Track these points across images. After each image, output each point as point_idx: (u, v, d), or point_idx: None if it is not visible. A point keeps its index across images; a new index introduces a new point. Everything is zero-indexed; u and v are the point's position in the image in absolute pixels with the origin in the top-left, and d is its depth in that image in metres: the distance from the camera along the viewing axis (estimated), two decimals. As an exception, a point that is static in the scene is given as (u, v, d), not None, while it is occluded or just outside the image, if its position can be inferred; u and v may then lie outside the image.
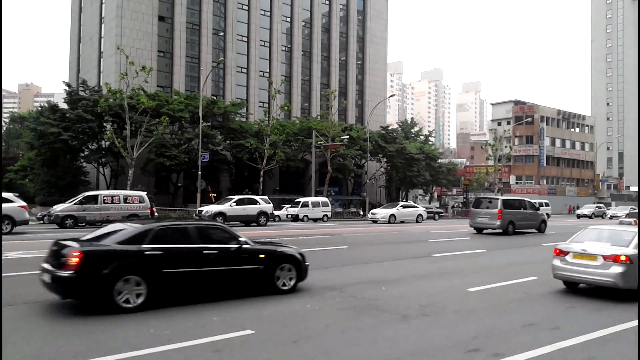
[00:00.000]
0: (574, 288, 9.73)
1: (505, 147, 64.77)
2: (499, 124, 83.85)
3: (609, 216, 47.21)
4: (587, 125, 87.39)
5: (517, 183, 76.97)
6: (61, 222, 24.18)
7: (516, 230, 24.32)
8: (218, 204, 30.19)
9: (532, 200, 28.46)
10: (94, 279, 7.02)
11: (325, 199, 38.66)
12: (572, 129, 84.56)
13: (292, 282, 9.05)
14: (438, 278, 11.26)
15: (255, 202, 29.73)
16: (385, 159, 54.49)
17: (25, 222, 21.10)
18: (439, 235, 23.38)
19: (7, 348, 5.62)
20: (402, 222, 34.41)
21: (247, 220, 28.95)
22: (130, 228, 7.98)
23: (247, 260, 8.55)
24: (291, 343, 6.13)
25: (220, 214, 27.38)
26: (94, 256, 7.24)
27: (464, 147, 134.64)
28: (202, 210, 27.84)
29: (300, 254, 9.33)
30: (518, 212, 24.81)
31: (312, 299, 8.64)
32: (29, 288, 8.91)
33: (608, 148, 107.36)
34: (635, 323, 7.01)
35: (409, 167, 53.42)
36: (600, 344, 6.25)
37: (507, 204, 24.53)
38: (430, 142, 66.40)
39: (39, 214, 30.71)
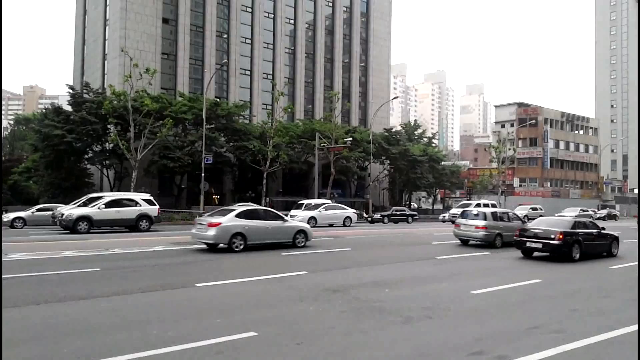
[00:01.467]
0: None
1: (509, 149, 64.60)
2: (503, 126, 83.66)
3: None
4: (591, 128, 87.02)
5: (520, 185, 76.73)
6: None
7: None
8: (83, 204, 24.76)
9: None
10: (568, 244, 14.61)
11: (328, 201, 38.57)
12: (576, 131, 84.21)
13: (617, 251, 16.50)
14: (442, 280, 11.24)
15: (133, 203, 24.94)
16: (388, 161, 54.49)
17: None
18: (443, 237, 23.33)
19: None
20: (331, 225, 30.88)
21: (124, 225, 24.30)
22: (564, 222, 15.89)
23: (604, 238, 16.26)
24: (294, 345, 6.12)
25: (85, 218, 22.72)
26: (565, 234, 14.64)
27: (468, 149, 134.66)
28: (63, 214, 23.09)
29: (619, 235, 17.11)
30: None
31: (315, 301, 8.64)
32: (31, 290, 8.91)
33: (612, 150, 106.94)
34: (639, 326, 6.99)
35: (413, 169, 53.37)
36: (604, 347, 6.22)
37: None
38: (433, 145, 66.23)
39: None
